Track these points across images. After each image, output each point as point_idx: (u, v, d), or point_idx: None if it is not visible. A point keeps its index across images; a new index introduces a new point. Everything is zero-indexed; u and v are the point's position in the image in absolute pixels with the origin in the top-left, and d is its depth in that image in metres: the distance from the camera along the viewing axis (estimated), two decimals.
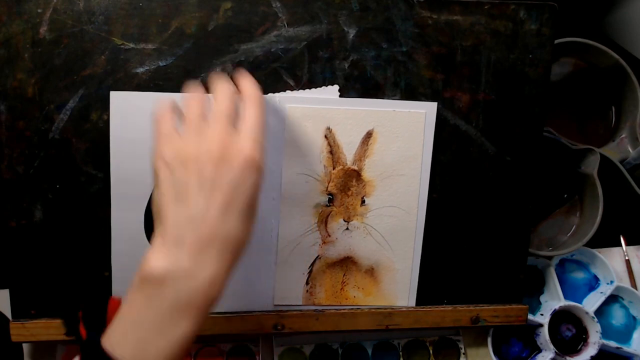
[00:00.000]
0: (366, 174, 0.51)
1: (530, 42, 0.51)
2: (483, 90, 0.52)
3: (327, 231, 0.52)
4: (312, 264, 0.53)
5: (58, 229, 0.50)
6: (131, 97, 0.48)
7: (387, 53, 0.50)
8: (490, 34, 0.51)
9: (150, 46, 0.48)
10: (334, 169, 0.51)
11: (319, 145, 0.50)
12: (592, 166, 0.61)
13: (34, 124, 0.48)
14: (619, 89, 0.64)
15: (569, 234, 0.65)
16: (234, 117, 0.40)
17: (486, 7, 0.51)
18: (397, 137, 0.51)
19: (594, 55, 0.63)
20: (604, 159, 0.61)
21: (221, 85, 0.42)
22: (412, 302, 0.55)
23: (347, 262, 0.53)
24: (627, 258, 0.65)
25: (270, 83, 0.50)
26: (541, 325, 0.60)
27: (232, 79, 0.44)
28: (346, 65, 0.50)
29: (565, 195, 0.65)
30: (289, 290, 0.53)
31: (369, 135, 0.51)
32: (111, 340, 0.36)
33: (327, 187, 0.51)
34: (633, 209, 0.65)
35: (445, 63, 0.51)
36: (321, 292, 0.54)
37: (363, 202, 0.52)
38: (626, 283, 0.64)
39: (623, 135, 0.65)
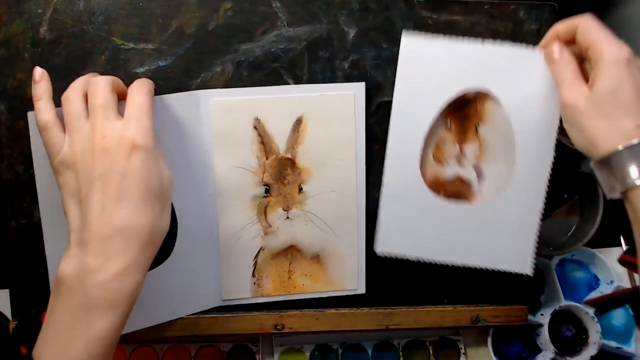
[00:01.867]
0: (301, 162, 0.51)
1: (530, 42, 0.51)
2: None
3: (267, 222, 0.52)
4: (256, 256, 0.53)
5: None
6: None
7: (387, 53, 0.50)
8: (490, 34, 0.51)
9: (150, 46, 0.48)
10: (267, 159, 0.50)
11: (249, 136, 0.50)
12: (592, 166, 0.60)
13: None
14: None
15: (569, 234, 0.65)
16: (114, 107, 0.39)
17: (486, 7, 0.51)
18: (327, 122, 0.50)
19: None
20: None
21: (95, 79, 0.40)
22: (362, 287, 0.54)
23: (291, 251, 0.53)
24: None
25: (270, 83, 0.50)
26: (541, 325, 0.60)
27: None
28: (346, 65, 0.50)
29: (565, 195, 0.65)
30: (236, 284, 0.53)
31: (298, 122, 0.50)
32: (37, 350, 0.36)
33: (262, 178, 0.51)
34: None
35: None
36: (268, 282, 0.53)
37: (301, 189, 0.52)
38: (626, 283, 0.64)
39: None
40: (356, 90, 0.50)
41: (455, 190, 0.53)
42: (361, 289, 0.55)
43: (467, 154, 0.52)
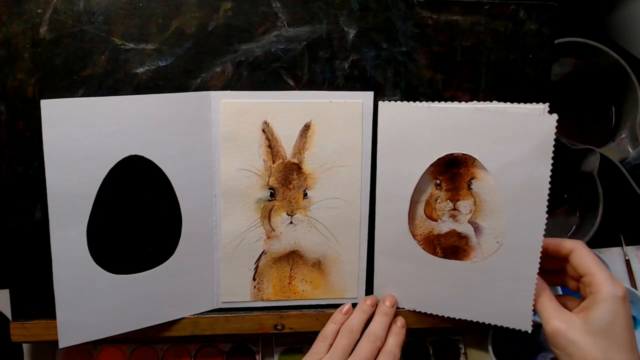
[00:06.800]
0: (307, 167, 0.51)
1: (530, 42, 0.51)
2: (483, 90, 0.52)
3: (270, 226, 0.52)
4: (258, 260, 0.53)
5: None
6: (64, 105, 0.46)
7: (387, 53, 0.50)
8: (490, 34, 0.51)
9: (150, 46, 0.48)
10: (273, 162, 0.51)
11: (257, 139, 0.50)
12: (592, 166, 0.61)
13: (34, 124, 0.47)
14: (619, 89, 0.64)
15: (569, 234, 0.65)
16: None
17: (486, 7, 0.51)
18: (335, 128, 0.51)
19: (594, 55, 0.63)
20: (604, 159, 0.61)
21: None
22: (362, 295, 0.55)
23: (293, 256, 0.53)
24: (627, 258, 0.65)
25: (270, 83, 0.50)
26: (541, 325, 0.60)
27: None
28: (346, 65, 0.50)
29: (565, 195, 0.65)
30: (235, 287, 0.53)
31: (307, 127, 0.50)
32: None
33: (268, 182, 0.51)
34: (633, 209, 0.65)
35: (445, 63, 0.51)
36: (269, 287, 0.54)
37: (305, 195, 0.52)
38: (626, 283, 0.64)
39: (623, 135, 0.65)
40: (364, 99, 0.51)
41: (451, 244, 0.52)
42: (361, 296, 0.55)
43: (461, 210, 0.52)
